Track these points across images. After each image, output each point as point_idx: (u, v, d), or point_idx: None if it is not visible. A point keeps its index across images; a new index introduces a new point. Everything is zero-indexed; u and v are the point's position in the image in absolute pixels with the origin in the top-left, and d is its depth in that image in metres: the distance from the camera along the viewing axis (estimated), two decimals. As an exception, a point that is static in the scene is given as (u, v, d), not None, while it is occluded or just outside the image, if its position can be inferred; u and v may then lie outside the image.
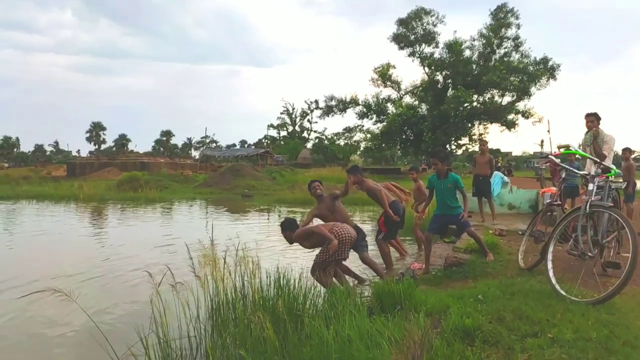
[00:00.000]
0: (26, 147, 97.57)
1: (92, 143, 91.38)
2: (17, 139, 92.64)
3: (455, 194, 5.94)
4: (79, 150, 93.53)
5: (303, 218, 7.28)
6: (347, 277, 5.92)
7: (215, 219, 14.82)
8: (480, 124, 43.33)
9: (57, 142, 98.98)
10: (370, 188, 6.85)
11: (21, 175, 41.03)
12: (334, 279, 5.50)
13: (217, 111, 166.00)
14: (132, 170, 38.39)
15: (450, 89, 42.03)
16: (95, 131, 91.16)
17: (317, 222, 6.19)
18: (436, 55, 42.54)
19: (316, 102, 68.74)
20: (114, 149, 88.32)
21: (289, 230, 5.77)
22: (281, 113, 75.80)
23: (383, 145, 45.97)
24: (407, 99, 45.34)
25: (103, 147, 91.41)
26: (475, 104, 40.62)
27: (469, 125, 42.51)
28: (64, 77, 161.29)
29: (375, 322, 3.37)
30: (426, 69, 43.25)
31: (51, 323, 4.78)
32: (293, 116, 75.86)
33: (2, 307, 5.36)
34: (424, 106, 43.96)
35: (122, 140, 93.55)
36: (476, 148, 44.99)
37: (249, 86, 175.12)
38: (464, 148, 48.08)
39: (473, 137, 43.68)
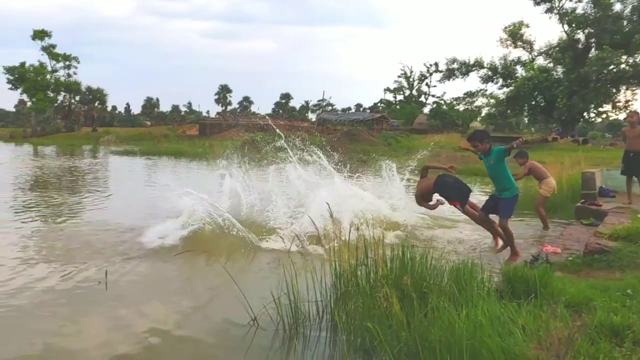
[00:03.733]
0: (164, 107, 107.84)
1: (220, 104, 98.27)
2: (157, 99, 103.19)
3: (506, 172, 5.67)
4: (208, 111, 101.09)
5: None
6: None
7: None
8: (627, 89, 38.10)
9: (190, 103, 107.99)
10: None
11: (161, 133, 46.18)
12: None
13: (334, 74, 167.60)
14: (255, 131, 40.70)
15: (593, 49, 37.42)
16: (223, 93, 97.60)
17: None
18: (579, 11, 38.00)
19: (436, 64, 65.36)
20: (238, 110, 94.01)
21: None
22: (398, 76, 73.65)
23: (508, 111, 42.75)
24: (540, 61, 41.41)
25: (229, 108, 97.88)
26: (623, 66, 35.66)
27: (614, 90, 37.66)
28: (197, 42, 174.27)
29: (506, 308, 3.20)
30: (566, 26, 38.82)
31: (193, 276, 5.29)
32: (411, 79, 73.43)
33: (149, 261, 6.01)
34: (559, 69, 39.84)
35: (245, 102, 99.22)
36: (620, 117, 39.89)
37: (366, 48, 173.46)
38: (604, 116, 42.91)
39: (617, 104, 38.71)
